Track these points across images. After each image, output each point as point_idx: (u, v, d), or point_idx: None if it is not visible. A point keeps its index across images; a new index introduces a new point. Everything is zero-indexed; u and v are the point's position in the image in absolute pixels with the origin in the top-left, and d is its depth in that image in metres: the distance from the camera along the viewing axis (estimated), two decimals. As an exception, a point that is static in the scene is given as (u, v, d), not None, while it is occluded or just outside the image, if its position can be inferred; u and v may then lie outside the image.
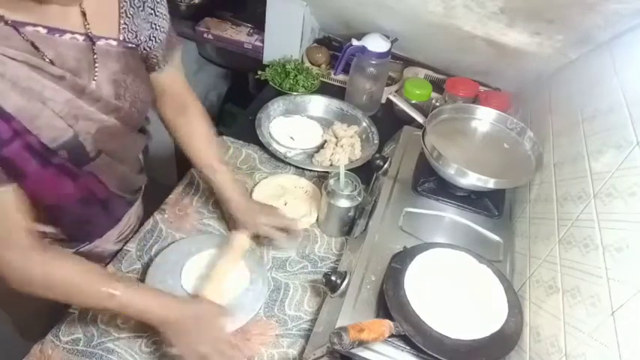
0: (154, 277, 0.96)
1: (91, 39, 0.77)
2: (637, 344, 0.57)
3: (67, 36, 0.74)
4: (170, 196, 1.19)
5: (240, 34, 1.76)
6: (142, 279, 1.00)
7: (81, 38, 0.76)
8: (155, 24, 0.86)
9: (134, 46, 0.84)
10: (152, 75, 0.94)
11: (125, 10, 0.81)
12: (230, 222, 1.12)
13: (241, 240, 1.00)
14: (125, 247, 1.06)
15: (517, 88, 1.47)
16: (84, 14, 0.76)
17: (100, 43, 0.78)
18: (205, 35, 1.77)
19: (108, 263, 1.03)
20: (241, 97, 2.16)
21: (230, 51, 1.78)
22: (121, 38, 0.81)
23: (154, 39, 0.87)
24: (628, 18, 0.95)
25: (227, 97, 2.31)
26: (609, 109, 0.85)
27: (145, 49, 0.87)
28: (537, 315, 0.82)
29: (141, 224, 1.13)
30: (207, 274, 0.95)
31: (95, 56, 0.77)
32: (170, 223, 1.12)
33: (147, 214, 1.16)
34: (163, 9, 0.87)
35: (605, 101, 0.88)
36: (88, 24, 0.76)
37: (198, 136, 1.04)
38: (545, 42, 1.19)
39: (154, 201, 1.18)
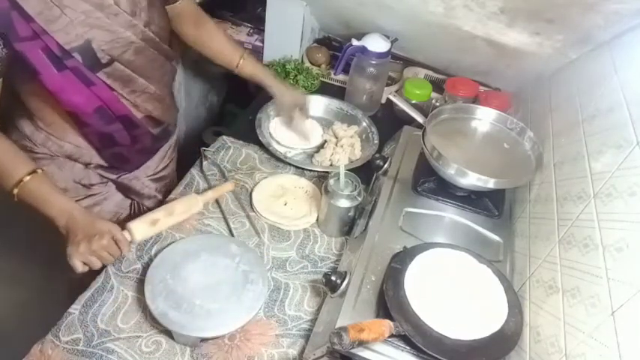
0: (154, 277, 0.95)
1: None
2: (637, 344, 0.57)
3: None
4: (170, 196, 1.19)
5: (240, 34, 1.75)
6: (142, 279, 1.00)
7: None
8: None
9: None
10: (170, 7, 1.09)
11: None
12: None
13: (197, 204, 1.05)
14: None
15: (517, 88, 1.47)
16: None
17: None
18: (205, 35, 1.77)
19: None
20: (241, 97, 2.16)
21: (230, 51, 1.78)
22: None
23: None
24: (628, 18, 0.95)
25: (227, 97, 2.31)
26: (609, 109, 0.85)
27: None
28: (537, 315, 0.82)
29: (179, 179, 1.25)
30: (148, 214, 0.99)
31: None
32: (170, 223, 1.12)
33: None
34: None
35: (605, 101, 0.88)
36: None
37: (217, 39, 1.24)
38: (545, 42, 1.19)
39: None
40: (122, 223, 0.94)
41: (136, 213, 1.24)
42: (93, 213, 1.06)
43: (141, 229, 0.95)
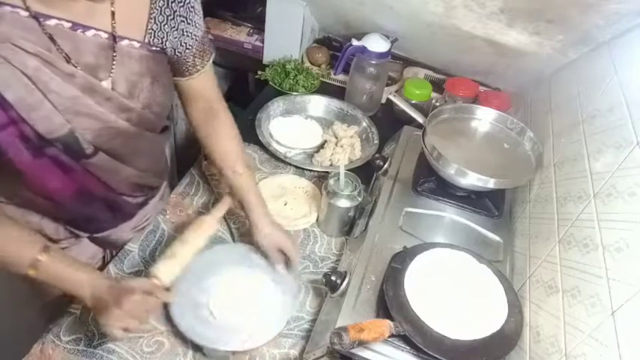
0: (178, 291, 0.93)
1: (114, 38, 0.77)
2: (637, 344, 0.57)
3: (91, 32, 0.75)
4: (171, 196, 1.19)
5: (240, 34, 1.75)
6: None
7: (104, 36, 0.77)
8: (186, 31, 0.87)
9: (159, 49, 0.84)
10: (182, 80, 0.95)
11: (155, 17, 0.82)
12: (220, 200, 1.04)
13: (210, 225, 0.97)
14: (127, 248, 1.06)
15: (517, 88, 1.47)
16: (113, 14, 0.77)
17: (123, 43, 0.79)
18: (205, 35, 1.77)
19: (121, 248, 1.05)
20: (241, 97, 2.16)
21: (230, 51, 1.78)
22: (146, 41, 0.82)
23: (184, 45, 0.88)
24: (628, 18, 0.95)
25: (227, 97, 2.30)
26: (609, 109, 0.85)
27: (175, 54, 0.88)
28: (537, 315, 0.82)
29: (179, 179, 1.16)
30: (165, 251, 0.92)
31: (115, 54, 0.78)
32: (172, 224, 1.12)
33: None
34: (197, 18, 0.88)
35: (605, 101, 0.88)
36: (115, 23, 0.77)
37: (226, 140, 1.03)
38: (545, 42, 1.19)
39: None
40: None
41: (109, 260, 1.06)
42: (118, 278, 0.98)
43: (167, 270, 0.88)
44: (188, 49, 0.89)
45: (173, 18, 0.84)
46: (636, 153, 0.71)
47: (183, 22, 0.85)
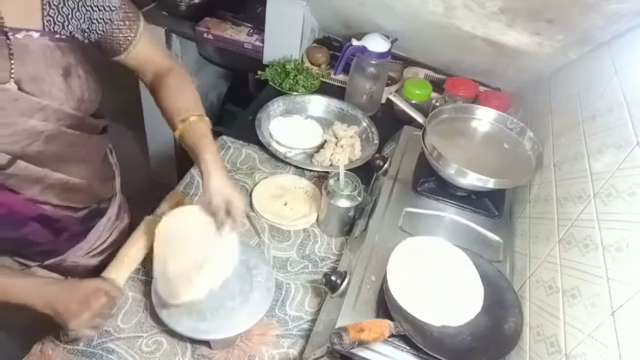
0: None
1: (4, 33, 0.69)
2: (637, 344, 0.57)
3: None
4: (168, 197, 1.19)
5: (240, 34, 1.75)
6: (142, 279, 1.00)
7: None
8: (89, 17, 0.79)
9: (65, 37, 0.77)
10: (122, 57, 0.89)
11: (49, 1, 0.74)
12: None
13: (153, 226, 0.94)
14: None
15: (517, 88, 1.47)
16: None
17: (19, 35, 0.71)
18: (205, 35, 1.77)
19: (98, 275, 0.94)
20: (241, 97, 2.16)
21: (230, 51, 1.78)
22: (46, 30, 0.74)
23: (97, 30, 0.81)
24: (628, 18, 0.95)
25: (227, 97, 2.31)
26: (609, 109, 0.85)
27: (91, 38, 0.81)
28: (537, 315, 0.82)
29: (128, 234, 1.02)
30: (118, 254, 0.95)
31: (11, 51, 0.70)
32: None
33: (147, 214, 1.16)
34: None
35: (605, 101, 0.88)
36: (2, 17, 0.69)
37: (177, 94, 0.92)
38: (545, 42, 1.19)
39: (154, 201, 1.18)
40: None
41: None
42: (63, 279, 0.95)
43: (120, 273, 0.92)
44: (107, 27, 0.81)
45: (69, 1, 0.76)
46: (636, 153, 0.71)
47: (83, 5, 0.78)
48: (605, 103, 0.87)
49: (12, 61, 0.70)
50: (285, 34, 1.61)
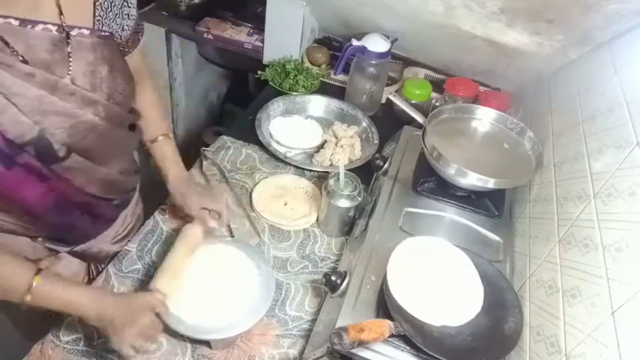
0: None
1: (65, 30, 0.75)
2: (637, 344, 0.57)
3: (40, 27, 0.72)
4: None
5: (240, 34, 1.76)
6: (142, 279, 1.00)
7: (54, 29, 0.74)
8: (127, 14, 0.86)
9: (108, 34, 0.82)
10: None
11: (100, 3, 0.80)
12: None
13: (194, 233, 0.99)
14: (125, 247, 1.06)
15: (517, 88, 1.47)
16: (59, 6, 0.75)
17: (73, 33, 0.76)
18: (205, 35, 1.77)
19: (108, 263, 1.03)
20: (241, 97, 2.16)
21: (230, 51, 1.78)
22: (95, 28, 0.80)
23: (127, 28, 0.87)
24: (628, 18, 0.95)
25: (227, 97, 2.31)
26: (609, 109, 0.85)
27: (120, 38, 0.86)
28: (537, 315, 0.82)
29: (142, 223, 1.12)
30: (161, 266, 0.94)
31: (70, 48, 0.76)
32: (171, 223, 1.12)
33: (147, 214, 1.16)
34: None
35: (605, 101, 0.88)
36: (63, 15, 0.75)
37: (147, 109, 1.02)
38: (545, 42, 1.19)
39: (154, 201, 1.18)
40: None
41: (94, 277, 1.05)
42: (119, 292, 0.98)
43: (166, 284, 0.90)
44: (129, 30, 0.87)
45: (116, 3, 0.83)
46: (636, 153, 0.71)
47: (125, 4, 0.84)
48: (605, 103, 0.87)
49: (70, 58, 0.76)
50: (285, 34, 1.61)
